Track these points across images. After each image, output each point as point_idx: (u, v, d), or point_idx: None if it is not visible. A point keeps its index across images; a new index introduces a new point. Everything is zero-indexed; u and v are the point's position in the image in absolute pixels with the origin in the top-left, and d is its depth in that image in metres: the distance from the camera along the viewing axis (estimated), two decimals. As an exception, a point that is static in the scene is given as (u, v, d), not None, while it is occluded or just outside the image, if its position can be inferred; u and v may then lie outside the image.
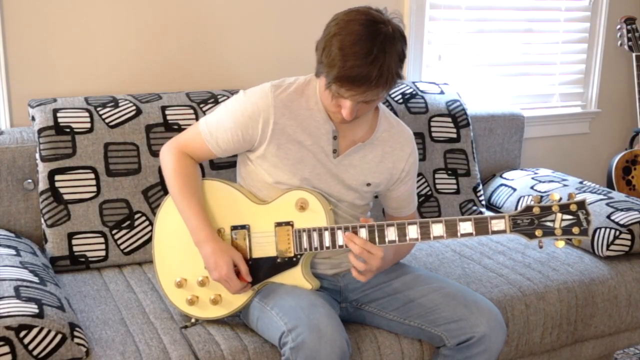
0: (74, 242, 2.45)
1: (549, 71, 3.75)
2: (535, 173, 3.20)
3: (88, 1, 2.72)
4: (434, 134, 2.99)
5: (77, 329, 1.91)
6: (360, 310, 2.23)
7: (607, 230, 2.64)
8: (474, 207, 3.01)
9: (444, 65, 3.43)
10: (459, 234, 1.99)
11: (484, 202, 3.08)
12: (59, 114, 2.47)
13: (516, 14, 3.61)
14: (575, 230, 1.94)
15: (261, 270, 2.11)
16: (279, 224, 2.10)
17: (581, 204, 1.95)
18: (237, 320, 2.18)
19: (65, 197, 2.44)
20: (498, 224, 1.97)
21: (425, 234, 2.00)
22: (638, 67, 3.67)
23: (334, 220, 2.12)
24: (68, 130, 2.46)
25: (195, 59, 2.93)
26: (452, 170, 3.01)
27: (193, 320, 2.16)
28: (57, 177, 2.43)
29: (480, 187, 3.08)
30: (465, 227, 1.99)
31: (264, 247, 2.11)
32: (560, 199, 1.96)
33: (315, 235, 2.06)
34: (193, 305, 2.15)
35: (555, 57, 3.73)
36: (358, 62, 1.89)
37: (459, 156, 3.02)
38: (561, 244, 1.95)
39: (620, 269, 2.64)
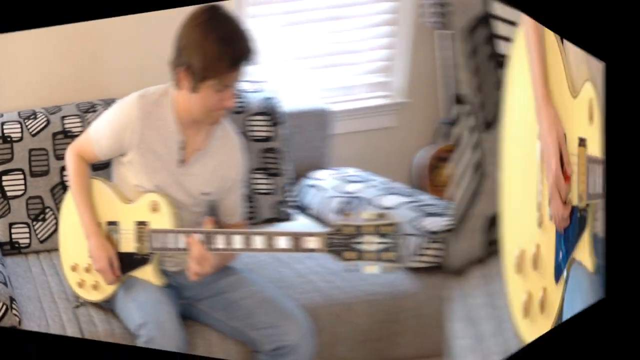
0: (13, 230, 2.96)
1: (352, 60, 3.56)
2: (343, 173, 3.14)
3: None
4: (251, 134, 3.04)
5: (14, 302, 2.38)
6: (194, 308, 2.40)
7: (414, 238, 2.52)
8: (286, 209, 3.07)
9: (261, 62, 3.41)
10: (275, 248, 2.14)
11: (295, 204, 3.13)
12: (5, 126, 2.96)
13: (318, 1, 3.42)
14: (387, 255, 1.97)
15: (125, 264, 2.38)
16: (138, 223, 2.32)
17: (395, 226, 1.98)
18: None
19: (8, 194, 2.96)
20: (311, 242, 2.10)
21: (248, 245, 2.18)
22: (442, 48, 3.33)
23: (179, 224, 2.31)
24: (9, 139, 2.95)
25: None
26: (267, 170, 3.07)
27: (81, 301, 2.51)
28: (4, 178, 2.96)
29: (292, 187, 3.11)
30: (281, 243, 2.14)
31: (128, 243, 2.37)
32: (371, 218, 2.01)
33: (165, 236, 2.29)
34: (81, 288, 2.50)
35: (358, 44, 3.53)
36: (242, 40, 2.15)
37: (273, 155, 3.07)
38: (373, 268, 1.99)
39: (429, 283, 2.52)
